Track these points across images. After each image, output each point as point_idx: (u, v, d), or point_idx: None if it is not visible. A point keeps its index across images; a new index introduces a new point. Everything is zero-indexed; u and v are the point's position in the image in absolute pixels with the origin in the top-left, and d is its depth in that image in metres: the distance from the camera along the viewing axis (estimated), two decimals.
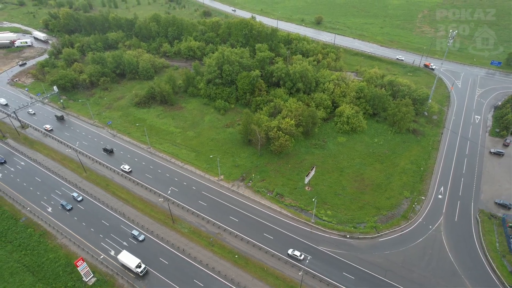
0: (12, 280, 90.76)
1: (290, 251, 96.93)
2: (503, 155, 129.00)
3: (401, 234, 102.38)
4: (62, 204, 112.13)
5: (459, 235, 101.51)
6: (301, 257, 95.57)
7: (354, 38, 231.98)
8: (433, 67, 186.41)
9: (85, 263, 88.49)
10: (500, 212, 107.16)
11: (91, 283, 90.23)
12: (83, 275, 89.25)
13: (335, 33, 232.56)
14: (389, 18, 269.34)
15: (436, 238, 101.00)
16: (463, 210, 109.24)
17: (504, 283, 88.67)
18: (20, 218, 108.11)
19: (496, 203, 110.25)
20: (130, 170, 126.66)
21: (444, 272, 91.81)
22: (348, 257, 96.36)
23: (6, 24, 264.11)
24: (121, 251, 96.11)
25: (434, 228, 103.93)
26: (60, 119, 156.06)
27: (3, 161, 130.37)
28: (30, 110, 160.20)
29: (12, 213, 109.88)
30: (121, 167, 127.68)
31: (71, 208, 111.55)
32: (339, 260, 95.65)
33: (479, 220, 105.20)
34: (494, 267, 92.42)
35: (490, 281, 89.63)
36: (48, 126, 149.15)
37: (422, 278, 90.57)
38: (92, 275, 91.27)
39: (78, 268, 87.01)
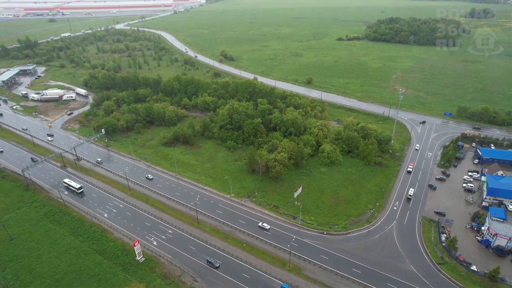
0: (87, 257, 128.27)
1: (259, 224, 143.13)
2: (444, 180, 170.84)
3: (367, 231, 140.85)
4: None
5: (405, 232, 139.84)
6: (268, 227, 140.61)
7: (337, 95, 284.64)
8: (417, 147, 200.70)
9: (139, 244, 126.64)
10: (437, 217, 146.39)
11: (141, 261, 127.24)
12: (137, 254, 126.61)
13: (322, 91, 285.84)
14: (368, 78, 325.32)
15: (389, 234, 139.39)
16: (411, 216, 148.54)
17: (433, 261, 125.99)
18: (85, 220, 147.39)
19: (435, 212, 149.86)
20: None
21: (392, 255, 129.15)
22: (325, 246, 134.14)
23: (52, 83, 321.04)
24: None
25: (388, 228, 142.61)
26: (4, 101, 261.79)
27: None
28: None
29: (78, 217, 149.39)
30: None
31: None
32: (318, 248, 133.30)
33: (421, 223, 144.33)
34: (428, 252, 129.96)
35: (423, 260, 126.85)
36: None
37: (376, 258, 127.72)
38: (142, 255, 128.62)
39: (135, 248, 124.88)
